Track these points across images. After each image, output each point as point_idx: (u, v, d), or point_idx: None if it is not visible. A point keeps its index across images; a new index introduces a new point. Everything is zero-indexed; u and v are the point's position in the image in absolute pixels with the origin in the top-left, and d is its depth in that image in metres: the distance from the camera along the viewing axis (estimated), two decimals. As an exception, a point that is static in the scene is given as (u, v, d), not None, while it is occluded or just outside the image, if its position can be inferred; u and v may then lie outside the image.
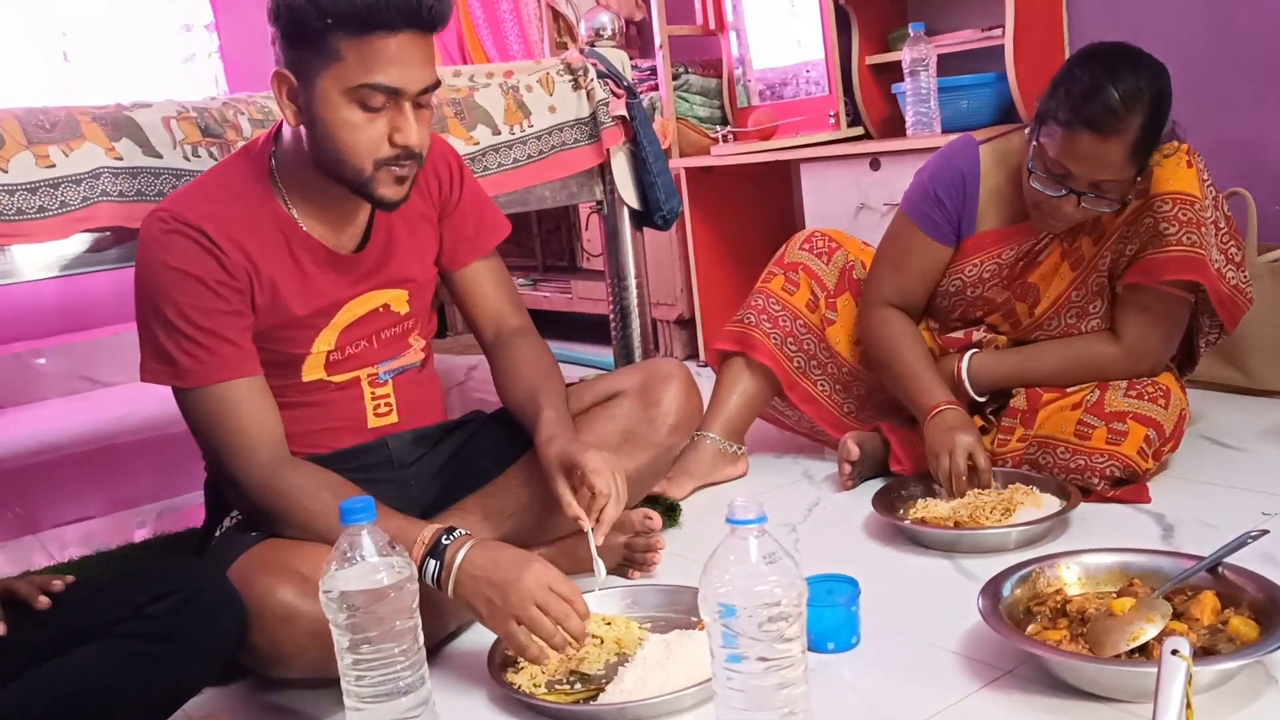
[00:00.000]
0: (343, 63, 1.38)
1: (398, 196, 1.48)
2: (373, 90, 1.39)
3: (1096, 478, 1.82)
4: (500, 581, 1.34)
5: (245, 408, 1.47)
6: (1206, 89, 2.58)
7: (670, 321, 3.48)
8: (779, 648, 1.04)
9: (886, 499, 1.87)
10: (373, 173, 1.44)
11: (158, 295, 1.45)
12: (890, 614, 1.52)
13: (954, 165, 1.95)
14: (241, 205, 1.50)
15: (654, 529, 1.73)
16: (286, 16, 1.40)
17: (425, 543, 1.38)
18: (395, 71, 1.39)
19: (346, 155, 1.43)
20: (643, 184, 2.38)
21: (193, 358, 1.45)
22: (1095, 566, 1.44)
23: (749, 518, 1.05)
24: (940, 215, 1.96)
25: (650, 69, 3.42)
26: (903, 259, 2.01)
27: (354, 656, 1.17)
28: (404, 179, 1.47)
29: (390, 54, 1.38)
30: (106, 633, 1.22)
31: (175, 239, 1.45)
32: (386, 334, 1.65)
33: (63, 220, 1.77)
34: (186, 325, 1.44)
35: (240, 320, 1.48)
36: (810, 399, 2.14)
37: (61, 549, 2.29)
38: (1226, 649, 1.23)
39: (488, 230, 1.75)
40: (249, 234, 1.49)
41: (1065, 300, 1.94)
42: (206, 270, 1.45)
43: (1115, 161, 1.71)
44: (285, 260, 1.53)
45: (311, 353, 1.58)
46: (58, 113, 1.81)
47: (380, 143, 1.43)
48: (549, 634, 1.33)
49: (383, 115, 1.42)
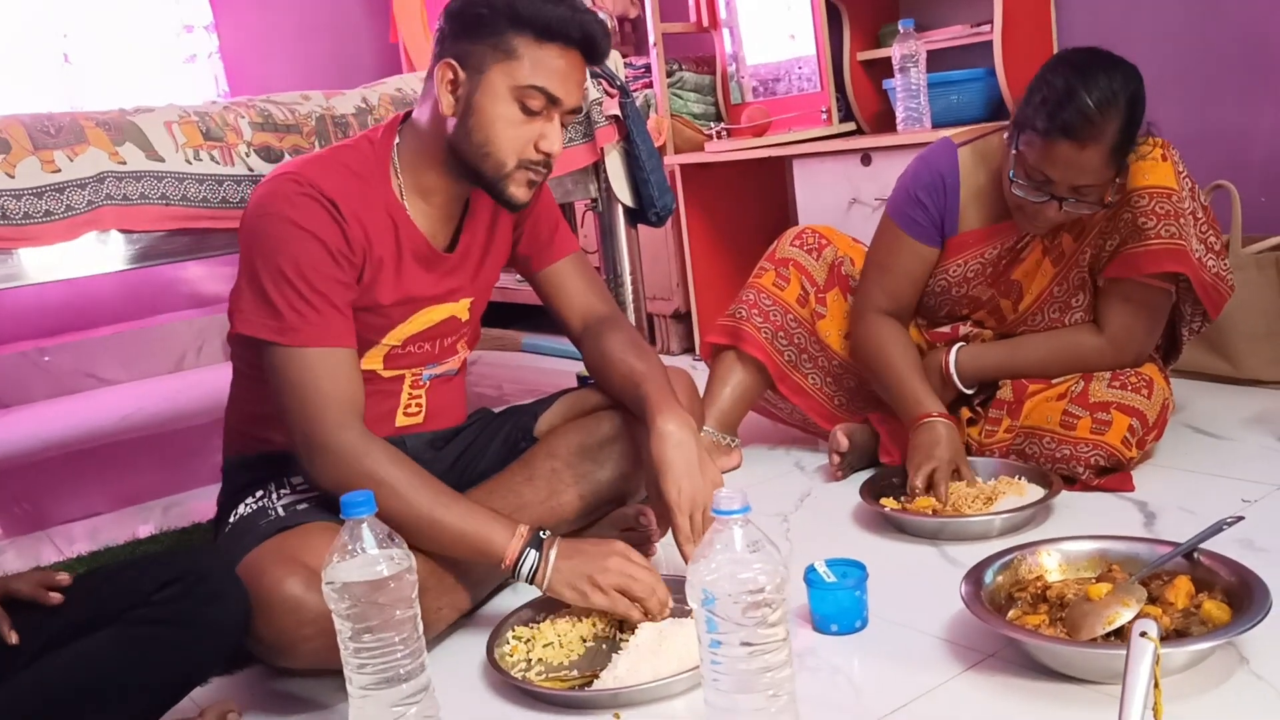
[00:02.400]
0: (518, 61, 1.50)
1: (525, 198, 1.58)
2: (538, 93, 1.50)
3: (1081, 467, 1.86)
4: (592, 565, 1.45)
5: (341, 377, 1.49)
6: (1191, 82, 2.62)
7: (666, 316, 3.52)
8: (762, 632, 1.08)
9: (874, 488, 1.91)
10: (512, 170, 1.54)
11: (278, 250, 1.48)
12: (877, 600, 1.55)
13: (934, 168, 1.99)
14: (361, 185, 1.56)
15: (649, 526, 1.77)
16: (473, 13, 1.51)
17: (524, 536, 1.46)
18: (559, 82, 1.51)
19: (494, 148, 1.52)
20: (636, 181, 2.42)
21: (300, 315, 1.47)
22: (1075, 553, 1.48)
23: (733, 508, 1.09)
24: (923, 217, 2.00)
25: (644, 66, 3.45)
26: (890, 262, 2.05)
27: (356, 645, 1.21)
28: (534, 183, 1.57)
29: (560, 65, 1.51)
30: (116, 620, 1.26)
31: (307, 202, 1.49)
32: (446, 341, 1.71)
33: (68, 224, 1.81)
34: (302, 284, 1.47)
35: (349, 292, 1.53)
36: (801, 391, 2.19)
37: (70, 544, 2.33)
38: (1199, 631, 1.28)
39: (561, 237, 1.81)
40: (368, 214, 1.55)
41: (1048, 295, 1.98)
42: (331, 238, 1.49)
43: (1094, 167, 1.75)
44: (391, 247, 1.58)
45: (380, 343, 1.62)
46: (62, 118, 1.85)
47: (527, 144, 1.53)
48: (646, 596, 1.44)
49: (536, 120, 1.52)
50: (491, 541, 1.45)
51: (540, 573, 1.45)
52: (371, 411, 1.63)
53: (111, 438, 3.45)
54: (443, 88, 1.53)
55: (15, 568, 2.13)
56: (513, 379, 3.60)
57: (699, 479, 1.52)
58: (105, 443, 3.41)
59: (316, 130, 2.04)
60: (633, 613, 1.45)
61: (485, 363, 3.86)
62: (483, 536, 1.46)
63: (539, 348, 3.86)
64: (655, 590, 1.45)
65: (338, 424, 1.47)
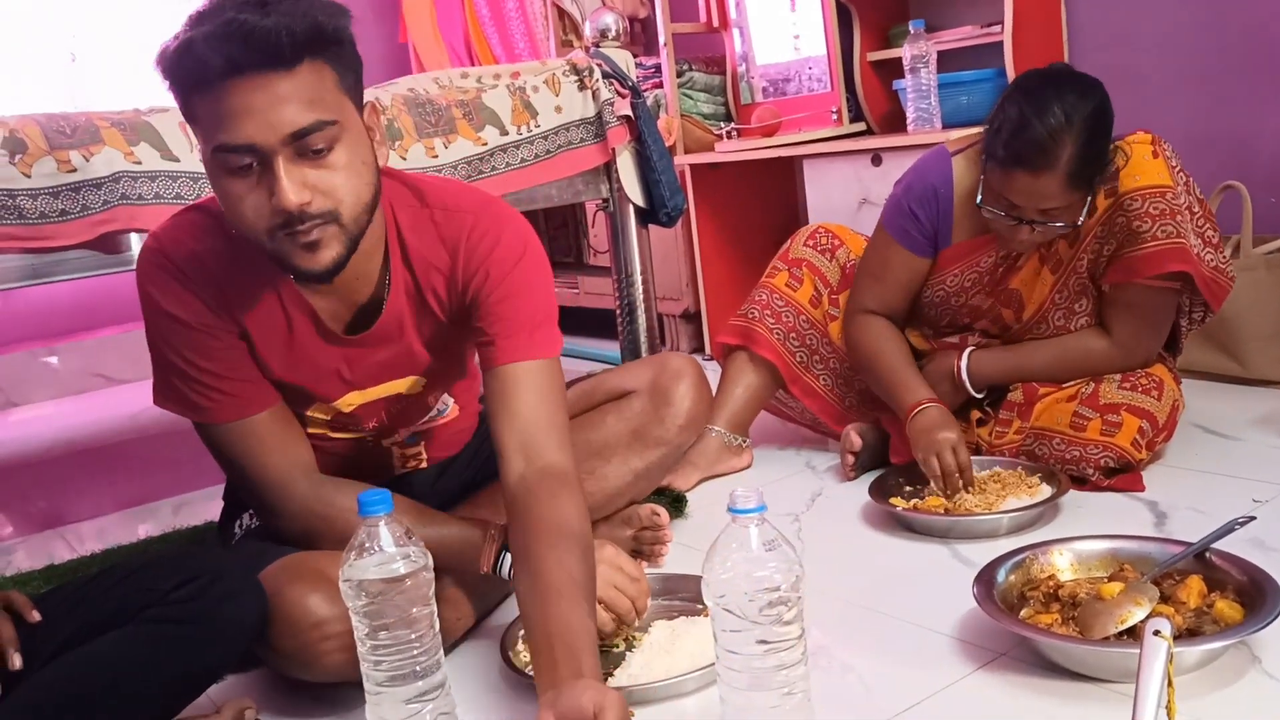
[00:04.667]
0: (199, 125, 1.22)
1: (319, 265, 1.25)
2: (229, 152, 1.19)
3: (1091, 468, 1.86)
4: None
5: (270, 440, 1.42)
6: (1201, 83, 2.62)
7: (676, 315, 3.52)
8: (778, 630, 1.09)
9: (883, 488, 1.92)
10: (274, 246, 1.24)
11: (157, 335, 1.39)
12: (889, 599, 1.57)
13: (928, 179, 1.99)
14: (227, 245, 1.35)
15: (662, 524, 1.78)
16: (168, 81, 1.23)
17: (496, 538, 1.44)
18: (237, 125, 1.17)
19: (242, 228, 1.24)
20: (647, 182, 2.43)
21: (205, 397, 1.39)
22: (1087, 553, 1.49)
23: (749, 506, 1.10)
24: (916, 229, 2.00)
25: (654, 66, 3.46)
26: (883, 271, 2.05)
27: (373, 642, 1.22)
28: (314, 244, 1.23)
29: (234, 105, 1.16)
30: (133, 618, 1.27)
31: (160, 275, 1.35)
32: (411, 413, 1.58)
33: (84, 223, 1.82)
34: (189, 368, 1.37)
35: (240, 356, 1.39)
36: (812, 392, 2.19)
37: (80, 542, 2.34)
38: (1211, 630, 1.28)
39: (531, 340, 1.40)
40: (235, 280, 1.36)
41: (1049, 304, 1.97)
42: (194, 314, 1.35)
43: (1053, 192, 1.75)
44: (277, 318, 1.39)
45: (307, 414, 1.49)
46: (78, 118, 1.86)
47: (262, 211, 1.21)
48: (625, 610, 1.42)
49: (255, 177, 1.20)
50: (467, 545, 1.44)
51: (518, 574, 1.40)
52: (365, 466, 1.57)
53: (120, 436, 3.47)
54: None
55: (26, 567, 2.14)
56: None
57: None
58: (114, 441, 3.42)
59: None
60: (604, 626, 1.40)
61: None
62: (458, 541, 1.44)
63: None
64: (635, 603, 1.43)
65: (280, 484, 1.43)
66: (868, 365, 2.06)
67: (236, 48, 1.14)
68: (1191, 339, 2.35)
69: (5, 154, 1.75)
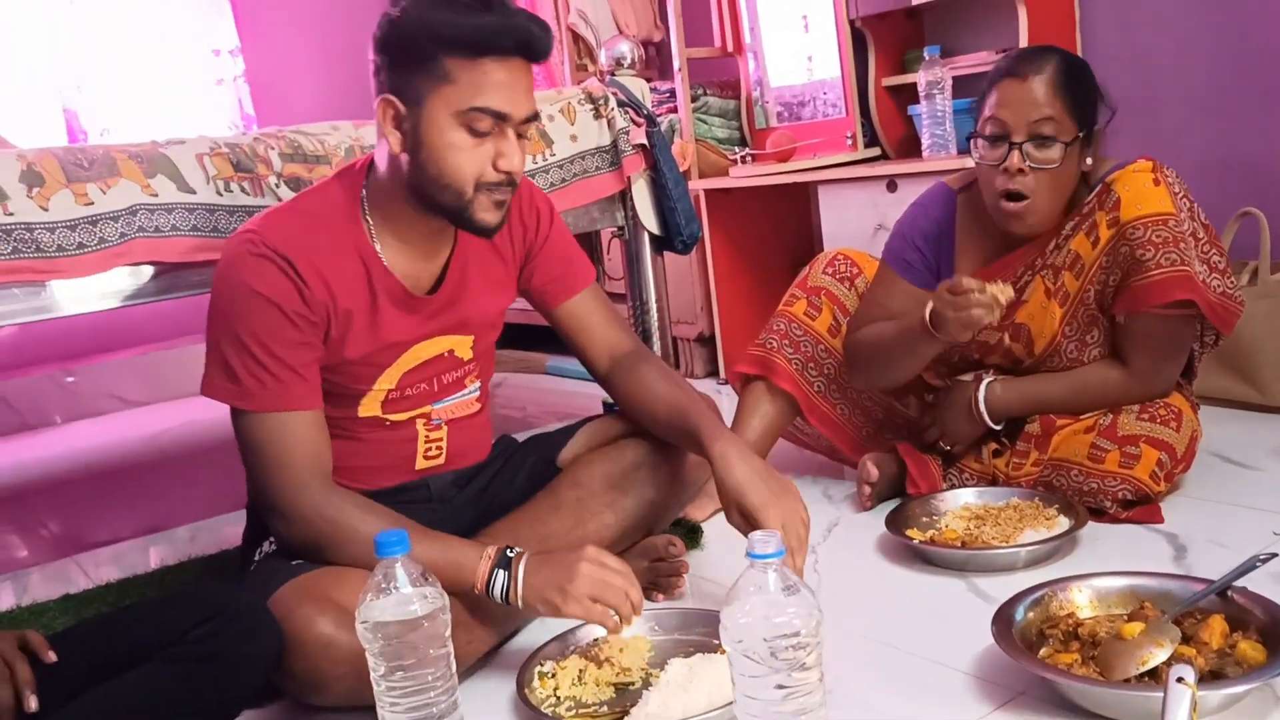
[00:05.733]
0: (454, 85, 1.43)
1: (495, 221, 1.52)
2: (481, 113, 1.43)
3: (1109, 500, 1.85)
4: (562, 574, 1.42)
5: (302, 439, 1.49)
6: (1218, 107, 2.61)
7: (691, 339, 3.52)
8: (797, 676, 1.08)
9: (900, 519, 1.90)
10: (473, 195, 1.48)
11: (234, 315, 1.48)
12: (906, 634, 1.56)
13: (931, 214, 2.03)
14: (328, 235, 1.53)
15: (678, 555, 1.78)
16: (398, 40, 1.45)
17: (491, 558, 1.45)
18: (503, 96, 1.44)
19: (450, 178, 1.47)
20: (663, 209, 2.43)
21: (259, 382, 1.47)
22: (1106, 590, 1.47)
23: (768, 551, 1.10)
24: (918, 261, 2.02)
25: (669, 91, 3.47)
26: (886, 303, 2.04)
27: (388, 683, 1.22)
28: (502, 203, 1.51)
29: (499, 79, 1.43)
30: (153, 656, 1.28)
31: (261, 264, 1.47)
32: (446, 378, 1.68)
33: (101, 256, 1.83)
34: (258, 349, 1.46)
35: (310, 353, 1.51)
36: (829, 421, 2.18)
37: (96, 568, 2.35)
38: (1234, 672, 1.27)
39: (575, 271, 1.77)
40: (333, 267, 1.51)
41: (1060, 336, 1.95)
42: (287, 300, 1.47)
43: (1040, 97, 1.81)
44: (363, 296, 1.55)
45: (372, 390, 1.61)
46: (95, 151, 1.87)
47: (484, 166, 1.47)
48: (619, 603, 1.42)
49: (488, 140, 1.46)
50: (462, 568, 1.45)
51: (512, 591, 1.44)
52: (390, 457, 1.66)
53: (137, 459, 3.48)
54: (387, 125, 1.48)
55: (42, 596, 2.15)
56: (537, 401, 3.62)
57: (779, 491, 1.50)
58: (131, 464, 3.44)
59: (345, 160, 2.05)
60: (606, 620, 1.43)
61: (510, 385, 3.87)
62: (452, 563, 1.45)
63: (563, 370, 3.87)
64: (629, 594, 1.44)
65: (298, 485, 1.48)
66: (875, 347, 1.99)
67: (525, 38, 1.43)
68: (1209, 365, 2.34)
69: (23, 187, 1.76)
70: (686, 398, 1.65)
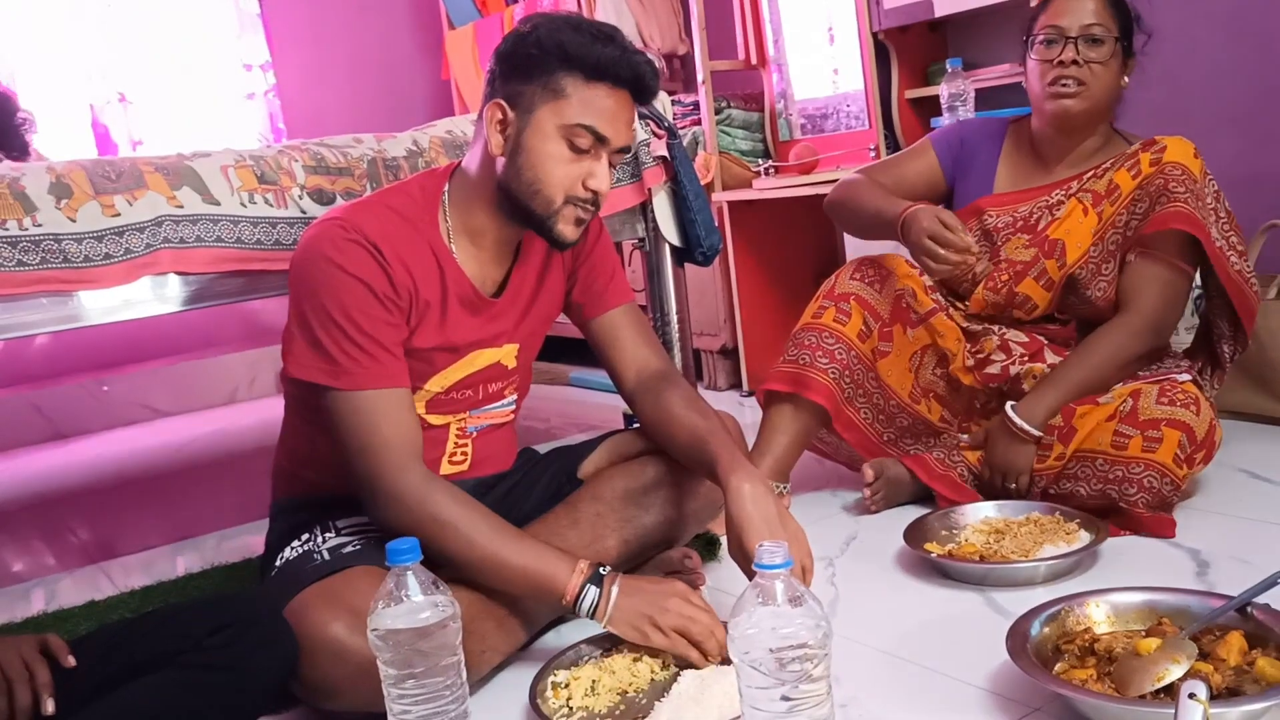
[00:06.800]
0: (567, 100, 1.52)
1: (573, 237, 1.59)
2: (585, 131, 1.52)
3: (1134, 488, 1.85)
4: (653, 604, 1.47)
5: (398, 419, 1.52)
6: (1246, 122, 2.59)
7: (714, 352, 3.52)
8: (804, 687, 1.08)
9: (919, 533, 1.90)
10: (560, 206, 1.56)
11: (326, 295, 1.51)
12: (922, 648, 1.55)
13: (987, 125, 2.26)
14: (409, 229, 1.58)
15: (694, 567, 1.78)
16: (522, 53, 1.53)
17: (584, 573, 1.48)
18: (607, 120, 1.53)
19: (543, 185, 1.55)
20: (683, 221, 2.43)
21: (353, 359, 1.50)
22: (1123, 605, 1.46)
23: (775, 562, 1.10)
24: (951, 143, 2.23)
25: (693, 103, 3.48)
26: (903, 160, 2.28)
27: (400, 691, 1.22)
28: (582, 222, 1.59)
29: (608, 105, 1.53)
30: (169, 663, 1.29)
31: (352, 247, 1.52)
32: (491, 387, 1.72)
33: (127, 266, 1.85)
34: (351, 327, 1.50)
35: (399, 333, 1.55)
36: (852, 425, 2.16)
37: (125, 576, 2.37)
38: (1252, 690, 1.25)
39: (616, 287, 1.82)
40: (413, 258, 1.57)
41: (1087, 257, 2.05)
42: (376, 281, 1.52)
43: (1092, 6, 2.00)
44: (437, 290, 1.60)
45: (423, 389, 1.63)
46: (122, 163, 1.90)
47: (576, 182, 1.55)
48: (704, 639, 1.46)
49: (584, 159, 1.54)
50: (554, 578, 1.47)
51: (601, 609, 1.46)
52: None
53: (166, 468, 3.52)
54: (492, 127, 1.56)
55: (68, 602, 2.18)
56: (561, 414, 3.62)
57: (781, 533, 1.49)
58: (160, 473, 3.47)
59: (368, 173, 2.07)
60: (691, 653, 1.46)
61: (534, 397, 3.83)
62: (545, 573, 1.47)
63: (587, 382, 3.88)
64: (714, 632, 1.46)
65: (399, 467, 1.49)
66: (855, 203, 2.19)
67: (639, 75, 1.55)
68: (1235, 380, 2.32)
69: (52, 199, 1.79)
70: (708, 426, 1.65)
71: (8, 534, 2.96)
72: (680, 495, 1.75)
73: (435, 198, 1.64)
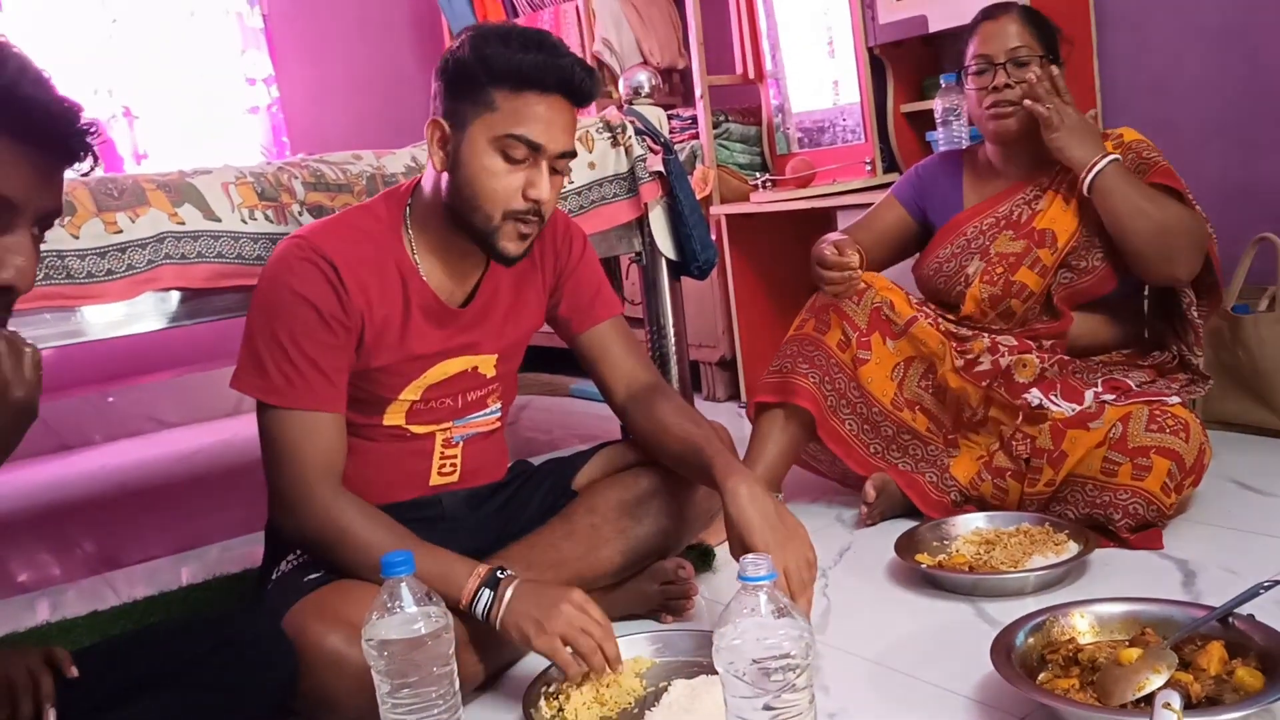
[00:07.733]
0: (496, 113, 1.52)
1: (517, 251, 1.59)
2: (517, 141, 1.52)
3: (1119, 514, 1.87)
4: (543, 608, 1.45)
5: (319, 440, 1.55)
6: (1235, 134, 2.61)
7: (712, 363, 3.55)
8: (788, 697, 1.11)
9: (910, 544, 1.92)
10: (499, 223, 1.56)
11: (274, 314, 1.55)
12: (910, 658, 1.57)
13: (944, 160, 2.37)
14: (372, 246, 1.61)
15: (687, 578, 1.80)
16: (454, 70, 1.55)
17: (480, 575, 1.49)
18: (540, 128, 1.53)
19: (481, 200, 1.55)
20: (680, 236, 2.45)
21: (286, 378, 1.53)
22: (1107, 616, 1.48)
23: (759, 574, 1.12)
24: (912, 188, 2.33)
25: (691, 117, 3.51)
26: (876, 215, 2.38)
27: (394, 700, 1.25)
28: (526, 236, 1.58)
29: (538, 112, 1.53)
30: (170, 681, 1.31)
31: (306, 267, 1.55)
32: (470, 395, 1.73)
33: (129, 282, 1.88)
34: (291, 347, 1.53)
35: (341, 357, 1.57)
36: (839, 438, 2.19)
37: (129, 586, 2.39)
38: (1231, 699, 1.27)
39: (602, 302, 1.84)
40: (373, 275, 1.59)
41: (1078, 236, 2.12)
42: (325, 303, 1.54)
43: (1014, 31, 2.11)
44: (398, 306, 1.62)
45: (397, 399, 1.66)
46: (125, 181, 1.93)
47: (514, 194, 1.55)
48: (589, 652, 1.44)
49: (521, 169, 1.54)
50: (453, 582, 1.49)
51: (494, 610, 1.47)
52: (405, 471, 1.70)
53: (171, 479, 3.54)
54: (433, 145, 1.58)
55: (72, 613, 2.20)
56: (561, 424, 3.65)
57: (785, 536, 1.52)
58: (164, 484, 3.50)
59: (367, 189, 2.10)
60: (570, 667, 1.45)
61: (534, 408, 3.91)
62: (444, 576, 1.49)
63: (587, 393, 3.90)
64: (603, 646, 1.45)
65: (311, 481, 1.54)
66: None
67: (567, 78, 1.53)
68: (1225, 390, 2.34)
69: (56, 217, 1.82)
70: (701, 434, 1.67)
71: (13, 545, 2.98)
72: (673, 506, 1.78)
73: (398, 214, 1.66)
